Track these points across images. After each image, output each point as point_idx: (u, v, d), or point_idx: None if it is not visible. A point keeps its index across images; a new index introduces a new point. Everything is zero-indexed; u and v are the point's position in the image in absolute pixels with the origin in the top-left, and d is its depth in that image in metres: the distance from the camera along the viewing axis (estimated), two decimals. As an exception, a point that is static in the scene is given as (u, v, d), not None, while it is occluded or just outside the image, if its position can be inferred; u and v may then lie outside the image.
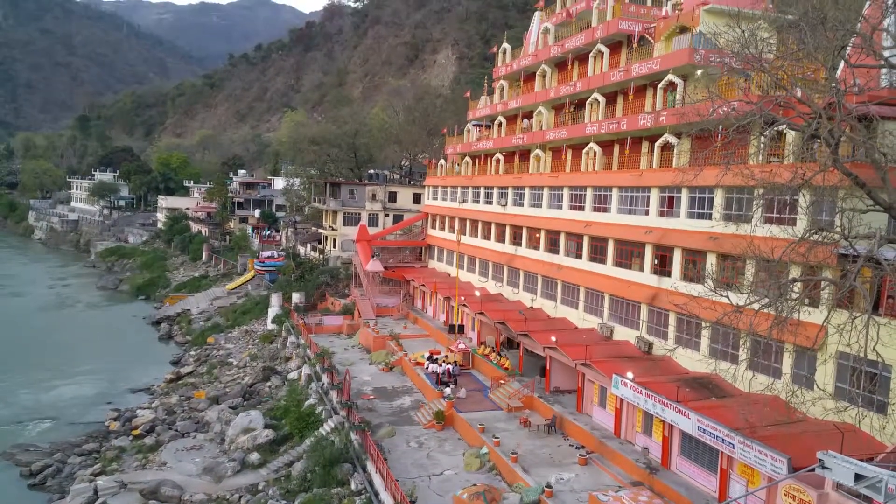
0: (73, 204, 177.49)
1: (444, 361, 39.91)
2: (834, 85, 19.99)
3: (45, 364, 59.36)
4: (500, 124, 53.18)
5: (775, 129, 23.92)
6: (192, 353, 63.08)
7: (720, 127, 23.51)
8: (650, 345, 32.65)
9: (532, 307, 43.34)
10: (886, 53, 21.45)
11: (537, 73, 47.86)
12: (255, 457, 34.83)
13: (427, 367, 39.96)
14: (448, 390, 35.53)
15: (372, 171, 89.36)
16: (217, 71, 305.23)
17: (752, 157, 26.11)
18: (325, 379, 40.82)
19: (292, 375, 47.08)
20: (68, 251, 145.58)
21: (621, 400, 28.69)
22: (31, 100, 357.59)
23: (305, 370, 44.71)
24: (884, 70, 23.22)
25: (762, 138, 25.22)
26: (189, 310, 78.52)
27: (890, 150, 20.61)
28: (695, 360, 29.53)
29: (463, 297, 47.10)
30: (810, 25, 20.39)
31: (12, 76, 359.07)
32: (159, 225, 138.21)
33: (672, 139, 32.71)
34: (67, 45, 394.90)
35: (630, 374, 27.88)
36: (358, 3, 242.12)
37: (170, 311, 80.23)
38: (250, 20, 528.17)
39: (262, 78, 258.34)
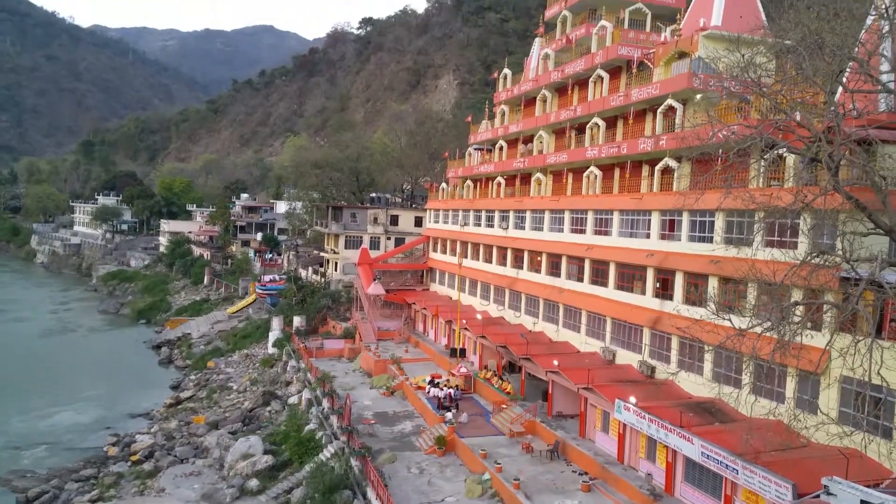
0: (75, 228, 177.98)
1: (445, 385, 39.65)
2: (833, 109, 20.09)
3: (45, 389, 59.10)
4: (501, 148, 53.44)
5: (775, 152, 23.99)
6: (192, 377, 62.78)
7: (720, 151, 23.59)
8: (653, 369, 32.44)
9: (534, 331, 43.16)
10: (883, 78, 21.61)
11: (538, 97, 48.19)
12: (254, 483, 34.49)
13: (428, 392, 39.69)
14: (449, 415, 35.24)
15: (374, 194, 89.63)
16: (221, 96, 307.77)
17: (753, 180, 26.13)
18: (325, 403, 40.55)
19: (292, 400, 46.78)
20: (70, 275, 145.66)
21: (624, 425, 28.44)
22: (36, 125, 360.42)
23: (306, 395, 44.44)
24: (881, 94, 23.36)
25: (762, 162, 25.26)
26: (190, 334, 78.31)
27: (890, 174, 20.65)
28: (698, 385, 29.32)
29: (464, 321, 46.94)
30: (808, 51, 20.55)
31: (18, 102, 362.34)
32: (161, 249, 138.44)
33: (672, 163, 32.80)
34: (73, 71, 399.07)
35: (633, 399, 27.67)
36: (361, 30, 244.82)
37: (170, 335, 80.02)
38: (254, 47, 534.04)
39: (266, 103, 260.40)
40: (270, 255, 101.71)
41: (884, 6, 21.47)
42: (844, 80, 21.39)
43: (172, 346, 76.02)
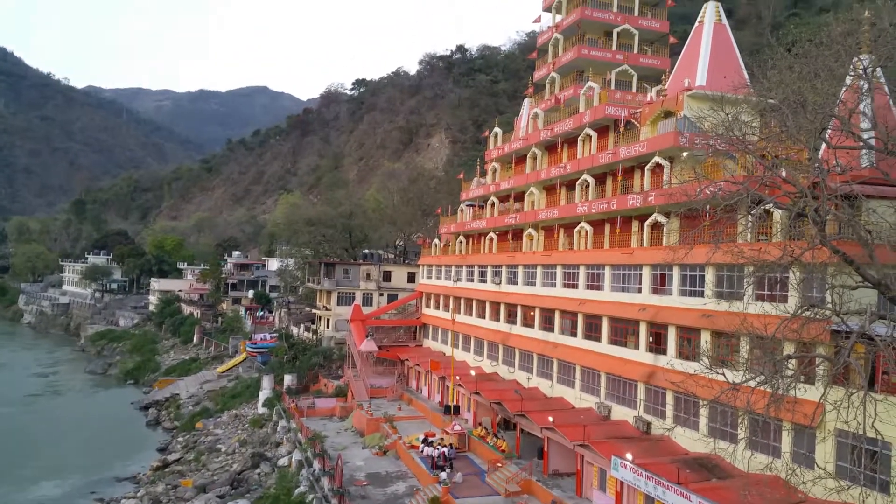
0: (64, 287, 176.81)
1: (439, 444, 39.06)
2: (817, 165, 20.60)
3: (30, 457, 57.65)
4: (492, 204, 54.07)
5: (762, 208, 24.45)
6: (180, 439, 61.52)
7: (708, 206, 24.02)
8: (648, 424, 32.18)
9: (528, 387, 42.86)
10: (865, 135, 22.22)
11: (528, 155, 49.08)
12: (243, 547, 33.52)
13: (422, 451, 39.05)
14: (444, 475, 34.63)
15: (366, 250, 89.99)
16: (215, 155, 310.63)
17: (741, 235, 26.53)
18: (316, 465, 39.78)
19: (283, 462, 45.84)
20: (58, 335, 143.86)
21: (621, 483, 28.03)
22: (28, 185, 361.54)
23: (296, 456, 43.61)
24: (863, 150, 23.99)
25: (749, 217, 25.71)
26: (178, 394, 77.06)
27: (875, 228, 21.05)
28: (694, 440, 29.07)
29: (458, 377, 46.60)
30: (791, 109, 21.21)
31: (10, 162, 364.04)
32: (151, 308, 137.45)
33: (661, 218, 33.28)
34: (67, 131, 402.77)
35: (629, 456, 27.36)
36: (354, 91, 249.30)
37: (158, 395, 78.73)
38: (249, 107, 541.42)
39: (259, 162, 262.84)
40: (262, 313, 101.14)
41: (862, 67, 22.29)
42: (827, 136, 21.99)
43: (160, 408, 74.71)
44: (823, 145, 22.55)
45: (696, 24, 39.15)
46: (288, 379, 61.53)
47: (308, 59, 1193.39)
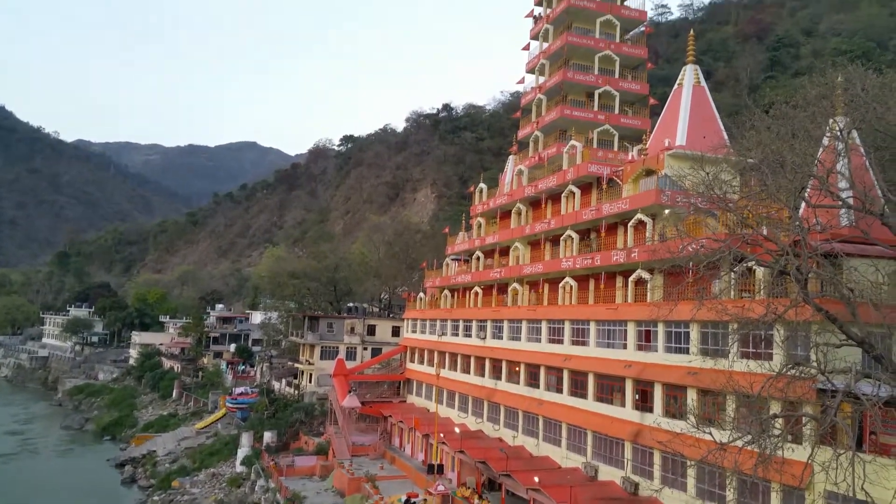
0: (44, 340, 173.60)
1: (422, 505, 38.03)
2: (798, 223, 20.81)
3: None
4: (478, 258, 54.14)
5: (744, 265, 24.57)
6: (156, 497, 59.57)
7: (691, 263, 24.11)
8: (636, 485, 31.53)
9: (514, 444, 42.08)
10: (843, 194, 22.56)
11: (513, 210, 49.43)
12: None
13: (404, 512, 37.99)
14: (426, 537, 33.61)
15: (351, 304, 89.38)
16: (201, 209, 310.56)
17: (724, 292, 26.56)
18: (295, 526, 38.53)
19: (261, 522, 44.44)
20: (35, 389, 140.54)
21: (608, 546, 27.26)
22: (12, 236, 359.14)
23: (275, 516, 42.29)
24: (843, 209, 24.32)
25: (732, 274, 25.81)
26: (155, 451, 74.99)
27: (857, 286, 21.15)
28: (682, 502, 28.45)
29: (442, 435, 45.71)
30: (770, 168, 21.55)
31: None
32: (131, 361, 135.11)
33: (645, 274, 33.36)
34: (54, 184, 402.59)
35: (616, 518, 26.69)
36: (342, 147, 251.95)
37: (135, 451, 76.60)
38: (237, 161, 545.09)
39: (246, 215, 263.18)
40: (243, 367, 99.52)
41: (837, 128, 22.78)
42: (807, 195, 22.29)
43: (137, 465, 72.58)
44: (803, 204, 22.84)
45: (676, 86, 40.12)
46: (268, 436, 60.13)
47: (297, 116, 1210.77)
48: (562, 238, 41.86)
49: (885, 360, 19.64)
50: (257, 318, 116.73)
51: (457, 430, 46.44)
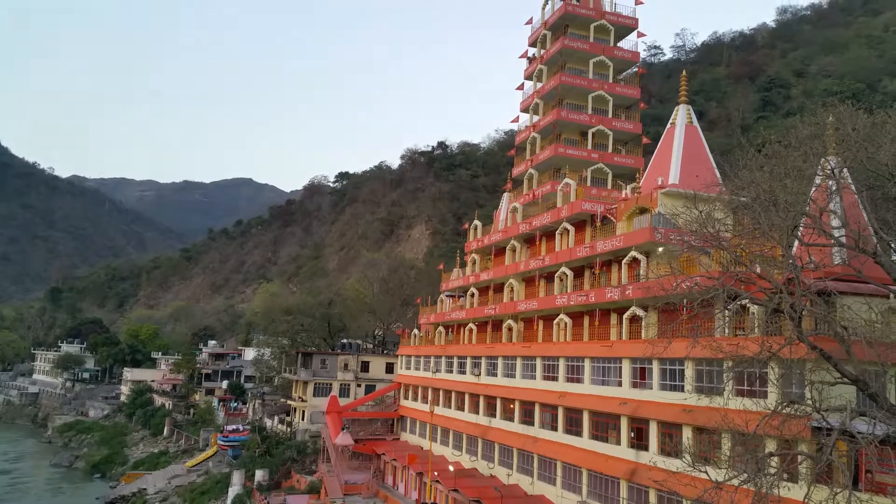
0: (35, 376, 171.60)
1: (415, 546, 37.42)
2: (791, 262, 20.98)
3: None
4: (472, 295, 54.13)
5: (738, 303, 24.66)
6: (145, 538, 58.52)
7: (685, 301, 24.20)
8: (632, 525, 31.13)
9: (508, 483, 41.55)
10: (836, 233, 22.81)
11: (507, 247, 49.65)
12: None
13: (397, 553, 37.34)
14: (420, 579, 33.00)
15: (345, 340, 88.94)
16: (196, 245, 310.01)
17: (718, 330, 26.62)
18: (286, 567, 37.79)
19: (251, 564, 43.57)
20: (25, 426, 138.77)
21: (605, 588, 26.82)
22: (4, 272, 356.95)
23: (266, 557, 41.47)
24: (836, 248, 24.55)
25: (726, 312, 25.89)
26: (146, 489, 73.82)
27: (850, 324, 21.23)
28: (679, 542, 28.08)
29: (436, 473, 45.16)
30: (763, 207, 21.77)
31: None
32: (122, 398, 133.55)
33: (639, 312, 33.42)
34: (48, 220, 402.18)
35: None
36: (337, 184, 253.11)
37: (125, 490, 75.42)
38: (232, 198, 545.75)
39: (240, 251, 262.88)
40: (235, 404, 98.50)
41: (829, 167, 23.12)
42: (800, 234, 22.50)
43: (126, 503, 71.40)
44: (796, 242, 23.05)
45: (669, 125, 40.72)
46: (259, 474, 59.31)
47: (293, 153, 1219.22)
48: (556, 275, 42.00)
49: (879, 399, 19.65)
50: (250, 354, 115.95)
51: (451, 468, 45.90)
